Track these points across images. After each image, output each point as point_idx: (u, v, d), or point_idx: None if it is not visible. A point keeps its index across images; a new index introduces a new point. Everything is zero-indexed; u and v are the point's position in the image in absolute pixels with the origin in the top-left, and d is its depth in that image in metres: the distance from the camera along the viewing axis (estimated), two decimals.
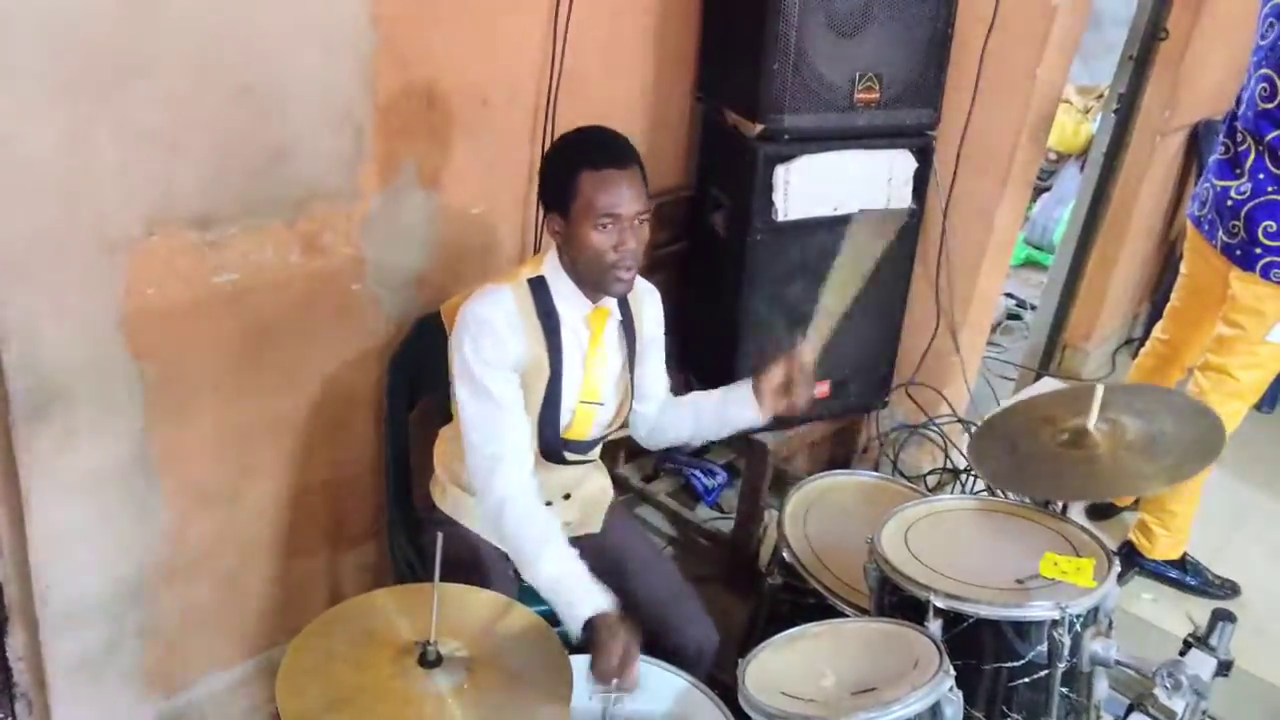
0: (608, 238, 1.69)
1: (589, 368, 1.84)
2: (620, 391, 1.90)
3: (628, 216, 1.69)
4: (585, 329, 1.82)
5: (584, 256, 1.72)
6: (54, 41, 1.53)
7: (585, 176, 1.68)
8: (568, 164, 1.72)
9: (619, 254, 1.70)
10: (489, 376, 1.72)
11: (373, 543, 2.31)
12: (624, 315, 1.88)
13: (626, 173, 1.70)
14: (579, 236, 1.70)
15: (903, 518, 1.93)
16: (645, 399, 2.00)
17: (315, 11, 1.82)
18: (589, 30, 2.25)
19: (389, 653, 1.34)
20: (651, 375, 2.00)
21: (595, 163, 1.69)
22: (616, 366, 1.89)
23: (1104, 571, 1.76)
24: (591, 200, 1.68)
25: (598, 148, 1.73)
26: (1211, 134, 3.89)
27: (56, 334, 1.67)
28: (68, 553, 1.81)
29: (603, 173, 1.68)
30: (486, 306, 1.74)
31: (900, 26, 2.36)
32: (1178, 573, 2.89)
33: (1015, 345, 4.19)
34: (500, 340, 1.72)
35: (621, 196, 1.68)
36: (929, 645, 1.62)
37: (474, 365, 1.72)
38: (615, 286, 1.75)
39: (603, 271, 1.72)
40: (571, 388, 1.82)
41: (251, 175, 1.83)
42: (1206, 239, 2.62)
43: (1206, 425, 1.92)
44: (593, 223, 1.68)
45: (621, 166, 1.70)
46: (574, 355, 1.82)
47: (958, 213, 2.72)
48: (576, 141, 1.78)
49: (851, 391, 2.73)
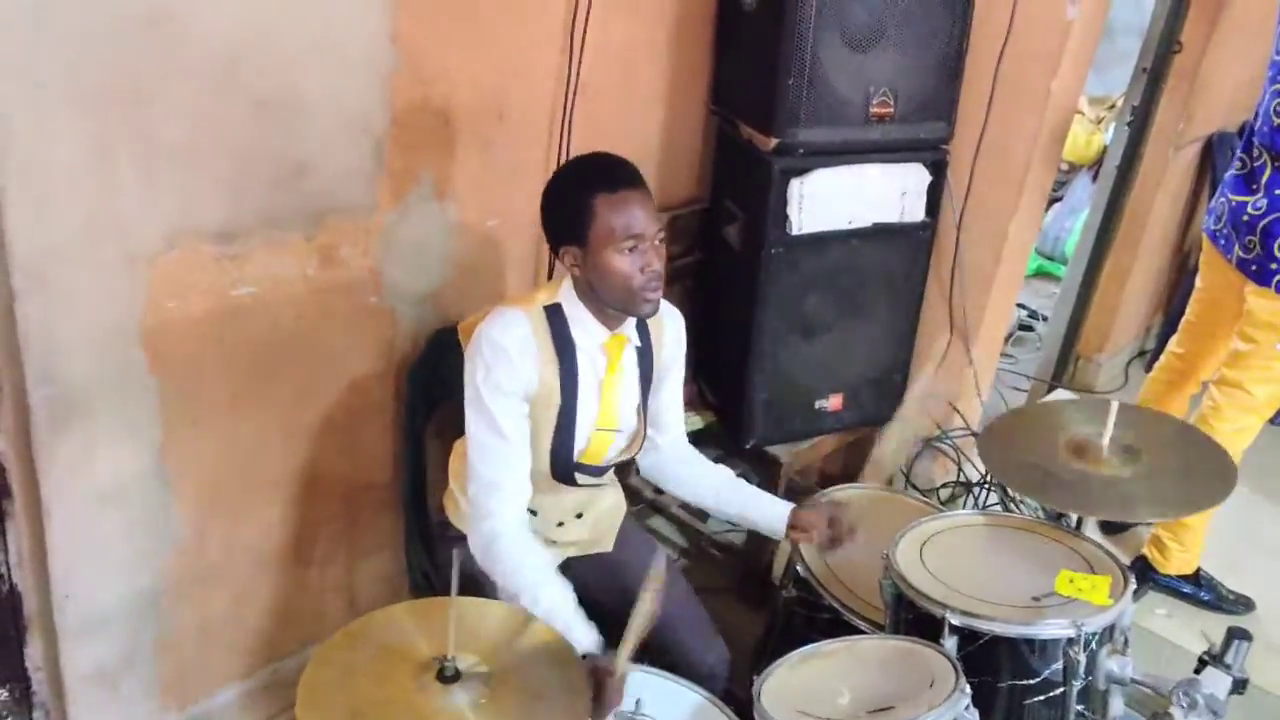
0: (633, 260, 1.67)
1: (606, 395, 1.82)
2: (637, 418, 1.90)
3: (650, 236, 1.68)
4: (602, 356, 1.81)
5: (610, 283, 1.69)
6: (80, 57, 1.54)
7: (601, 201, 1.66)
8: (578, 192, 1.69)
9: (646, 275, 1.68)
10: (498, 405, 1.71)
11: (388, 553, 2.32)
12: (643, 341, 1.86)
13: (640, 192, 1.69)
14: (602, 263, 1.67)
15: (918, 533, 1.93)
16: (656, 426, 1.98)
17: (335, 28, 1.83)
18: (604, 44, 2.26)
19: (408, 668, 1.35)
20: (666, 402, 1.98)
21: (609, 186, 1.67)
22: (634, 393, 1.88)
23: (1120, 589, 1.76)
24: (612, 224, 1.65)
25: (607, 171, 1.71)
26: (1225, 146, 3.88)
27: (77, 346, 1.69)
28: (86, 563, 1.82)
29: (619, 194, 1.67)
30: (500, 330, 1.72)
31: (915, 41, 2.37)
32: (1191, 588, 2.88)
33: (1027, 356, 4.18)
34: (513, 366, 1.71)
35: (640, 216, 1.67)
36: (945, 663, 1.62)
37: (484, 391, 1.71)
38: (645, 308, 1.73)
39: (631, 295, 1.70)
40: (587, 414, 1.81)
41: (271, 189, 1.85)
42: (1222, 254, 2.62)
43: (1220, 465, 1.92)
44: (616, 247, 1.66)
45: (635, 187, 1.69)
46: (590, 382, 1.80)
47: (972, 226, 2.72)
48: (582, 169, 1.77)
49: (865, 403, 2.73)
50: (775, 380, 2.56)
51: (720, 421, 2.73)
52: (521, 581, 1.65)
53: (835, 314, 2.57)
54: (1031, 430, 2.03)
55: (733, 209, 2.54)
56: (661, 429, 2.00)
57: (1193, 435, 2.12)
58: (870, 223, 2.50)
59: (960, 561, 1.85)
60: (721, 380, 2.66)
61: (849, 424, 2.77)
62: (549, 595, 1.64)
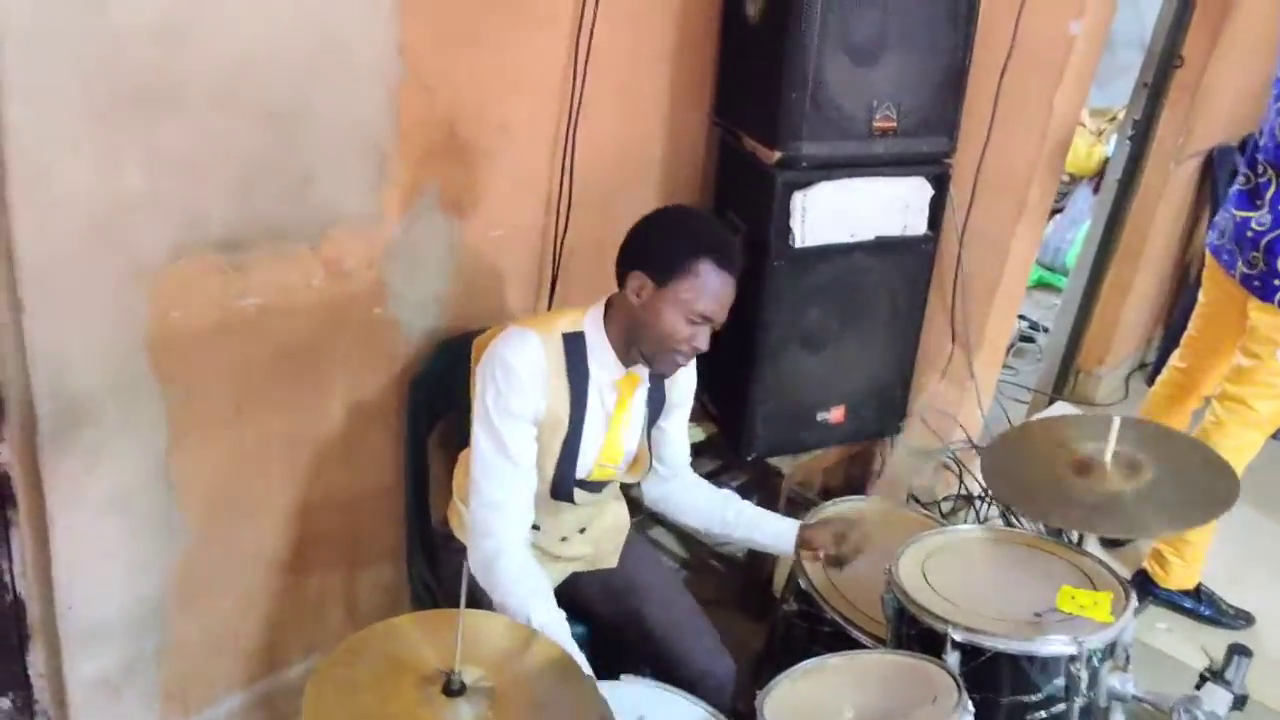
0: (688, 330, 1.69)
1: (612, 431, 1.83)
2: (640, 452, 1.91)
3: (717, 322, 1.71)
4: (613, 392, 1.81)
5: (656, 331, 1.70)
6: (90, 70, 1.55)
7: (707, 266, 1.67)
8: (692, 243, 1.69)
9: (689, 346, 1.70)
10: (506, 426, 1.71)
11: (389, 563, 2.32)
12: (654, 383, 1.88)
13: (734, 281, 1.71)
14: (663, 313, 1.68)
15: (920, 548, 1.94)
16: (660, 459, 2.00)
17: (343, 40, 1.84)
18: (609, 56, 2.27)
19: (412, 681, 1.34)
20: (671, 434, 2.00)
21: (724, 260, 1.68)
22: (639, 432, 1.88)
23: (1122, 606, 1.76)
24: (700, 293, 1.67)
25: (728, 246, 1.72)
26: (1226, 160, 3.89)
27: (83, 356, 1.69)
28: (90, 572, 1.83)
29: (723, 274, 1.68)
30: (514, 353, 1.71)
31: (918, 56, 2.38)
32: (1192, 603, 2.88)
33: (1027, 368, 4.18)
34: (524, 390, 1.70)
35: (724, 304, 1.69)
36: (947, 679, 1.62)
37: (494, 412, 1.71)
38: (666, 369, 1.76)
39: (664, 353, 1.71)
40: (591, 447, 1.82)
41: (277, 200, 1.85)
42: (1225, 269, 2.62)
43: (1223, 478, 1.92)
44: (687, 312, 1.67)
45: (735, 274, 1.71)
46: (597, 415, 1.80)
47: (974, 240, 2.73)
48: (706, 225, 1.78)
49: (866, 416, 2.73)
50: (777, 392, 2.56)
51: (721, 433, 2.73)
52: (515, 603, 1.65)
53: (837, 326, 2.58)
54: (1034, 447, 2.02)
55: (735, 221, 2.55)
56: (665, 461, 2.01)
57: (1195, 448, 2.12)
58: (873, 236, 2.51)
59: (962, 577, 1.86)
60: (723, 391, 2.66)
61: (850, 436, 2.78)
62: (541, 618, 1.63)
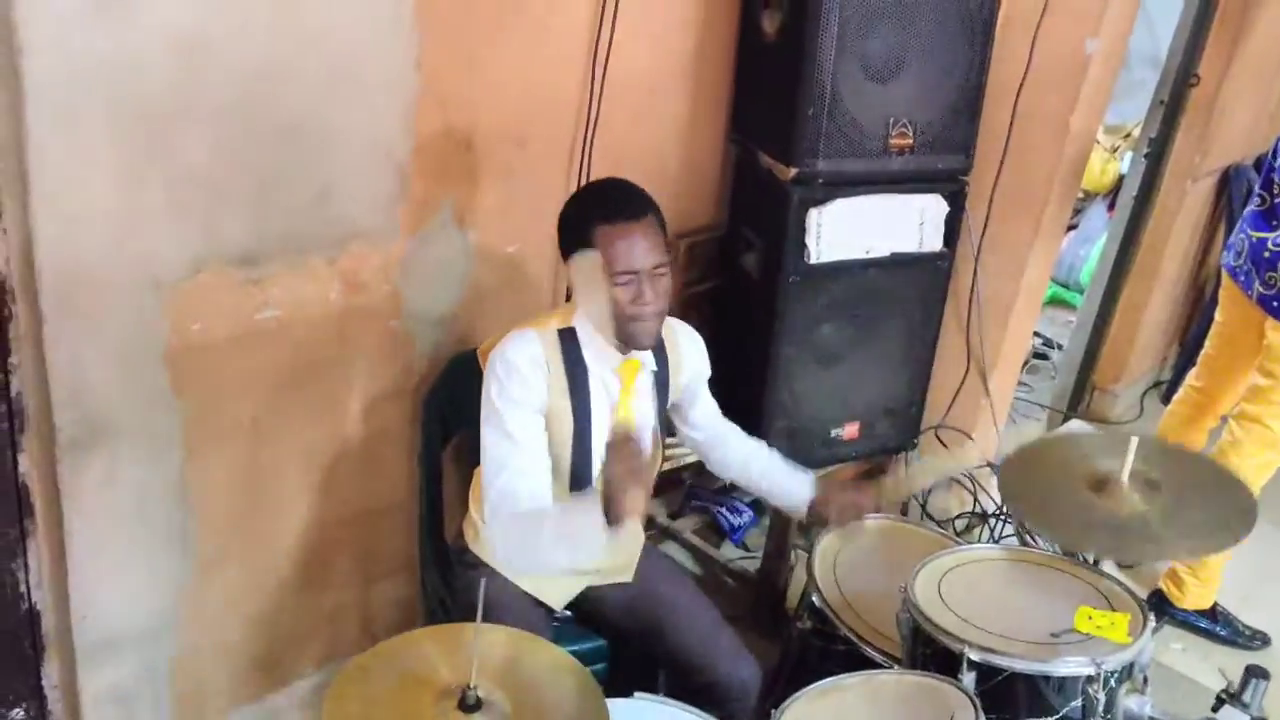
0: (625, 292, 1.69)
1: (619, 418, 1.83)
2: (652, 442, 1.90)
3: (645, 270, 1.69)
4: (615, 380, 1.82)
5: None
6: (111, 84, 1.57)
7: (600, 230, 1.68)
8: (583, 217, 1.72)
9: (637, 307, 1.70)
10: (510, 413, 1.72)
11: (403, 577, 2.32)
12: (659, 366, 1.88)
13: (641, 224, 1.70)
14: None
15: (935, 567, 1.93)
16: (696, 427, 2.07)
17: (360, 55, 1.85)
18: (625, 72, 2.28)
19: (429, 696, 1.34)
20: (701, 408, 2.06)
21: (609, 216, 1.69)
22: (649, 419, 1.88)
23: (1139, 627, 1.75)
24: (607, 255, 1.67)
25: (611, 200, 1.74)
26: (1242, 178, 3.88)
27: (102, 369, 1.70)
28: (105, 584, 1.83)
29: (617, 226, 1.68)
30: (513, 349, 1.75)
31: (935, 73, 2.38)
32: (1208, 623, 2.86)
33: (1041, 385, 4.17)
34: (525, 381, 1.73)
35: (636, 251, 1.68)
36: (964, 699, 1.61)
37: (498, 403, 1.73)
38: (638, 339, 1.74)
39: (623, 324, 1.71)
40: (601, 437, 1.81)
41: (295, 214, 1.86)
42: (1242, 289, 2.61)
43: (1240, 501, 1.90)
44: (610, 278, 1.68)
45: (636, 218, 1.70)
46: (603, 406, 1.81)
47: (990, 257, 2.73)
48: (591, 194, 1.80)
49: (880, 433, 2.73)
50: (791, 408, 2.56)
51: None
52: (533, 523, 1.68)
53: (852, 343, 2.58)
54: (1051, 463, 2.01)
55: (750, 237, 2.55)
56: (700, 428, 2.09)
57: (1212, 469, 2.11)
58: (888, 252, 2.51)
59: (978, 596, 1.85)
60: (737, 406, 2.65)
61: (865, 453, 2.77)
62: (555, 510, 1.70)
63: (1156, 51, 3.56)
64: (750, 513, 3.03)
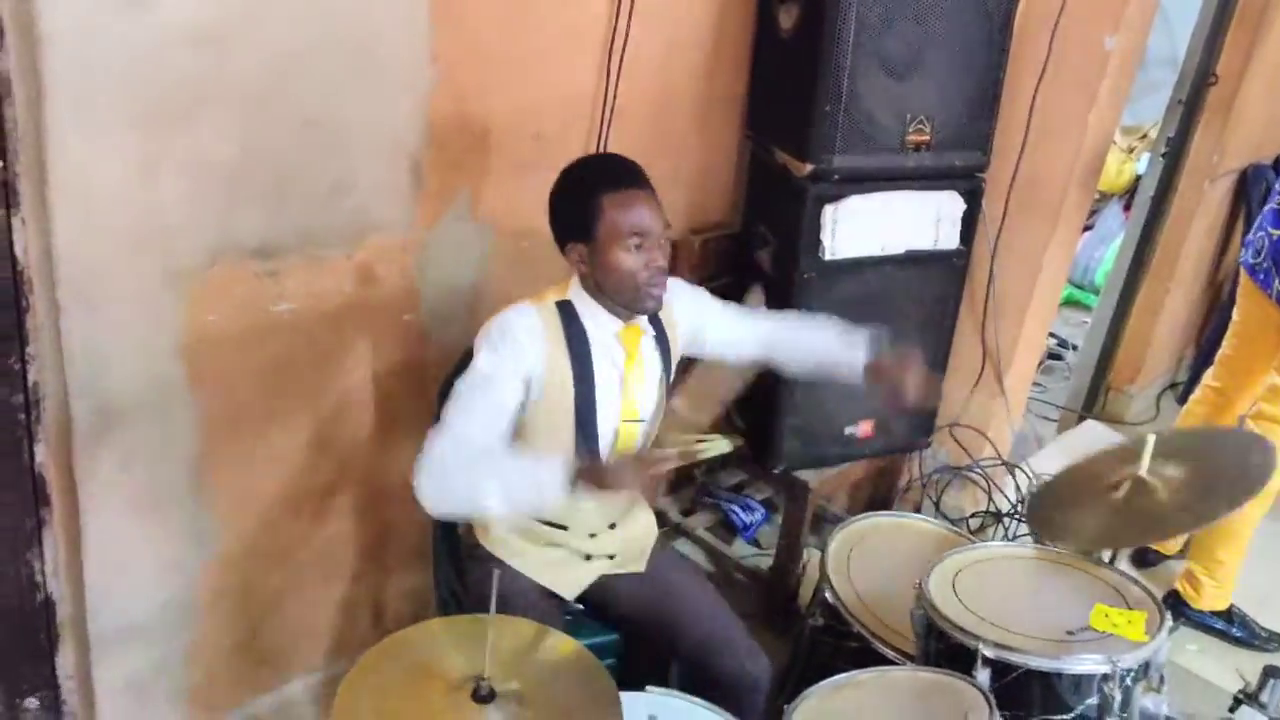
0: (638, 258, 1.71)
1: (628, 386, 1.83)
2: (660, 406, 1.90)
3: (656, 234, 1.72)
4: (619, 347, 1.82)
5: (614, 278, 1.73)
6: (130, 76, 1.57)
7: (608, 199, 1.70)
8: (586, 190, 1.74)
9: (649, 271, 1.72)
10: (491, 367, 1.70)
11: (416, 569, 2.32)
12: (657, 330, 1.88)
13: (645, 191, 1.74)
14: (609, 260, 1.72)
15: (950, 563, 1.92)
16: (736, 345, 2.00)
17: (376, 48, 1.85)
18: (641, 67, 2.28)
19: (442, 687, 1.34)
20: (723, 328, 1.99)
21: (616, 185, 1.72)
22: (656, 381, 1.88)
23: (1156, 625, 1.74)
24: (618, 222, 1.70)
25: (613, 170, 1.76)
26: (1260, 178, 3.86)
27: (119, 360, 1.71)
28: (121, 574, 1.84)
29: (625, 193, 1.71)
30: (510, 316, 1.75)
31: (952, 70, 2.37)
32: (1224, 624, 2.84)
33: (1056, 385, 4.15)
34: (518, 345, 1.72)
35: (646, 214, 1.71)
36: (978, 696, 1.60)
37: (481, 357, 1.72)
38: (648, 304, 1.76)
39: (635, 291, 1.74)
40: (610, 407, 1.81)
41: (311, 207, 1.87)
42: (1261, 288, 2.59)
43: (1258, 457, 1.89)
44: (622, 244, 1.70)
45: (640, 186, 1.74)
46: (609, 374, 1.81)
47: (1006, 255, 2.71)
48: (588, 168, 1.81)
49: (895, 431, 2.72)
50: (805, 405, 2.55)
51: (749, 445, 2.72)
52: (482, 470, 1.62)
53: None
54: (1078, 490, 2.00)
55: (765, 233, 2.54)
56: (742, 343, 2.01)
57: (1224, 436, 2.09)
58: (904, 249, 2.50)
59: (993, 593, 1.84)
60: (751, 404, 2.65)
61: (878, 451, 2.76)
62: (507, 459, 1.65)
63: (1174, 53, 3.54)
64: (762, 510, 3.03)
